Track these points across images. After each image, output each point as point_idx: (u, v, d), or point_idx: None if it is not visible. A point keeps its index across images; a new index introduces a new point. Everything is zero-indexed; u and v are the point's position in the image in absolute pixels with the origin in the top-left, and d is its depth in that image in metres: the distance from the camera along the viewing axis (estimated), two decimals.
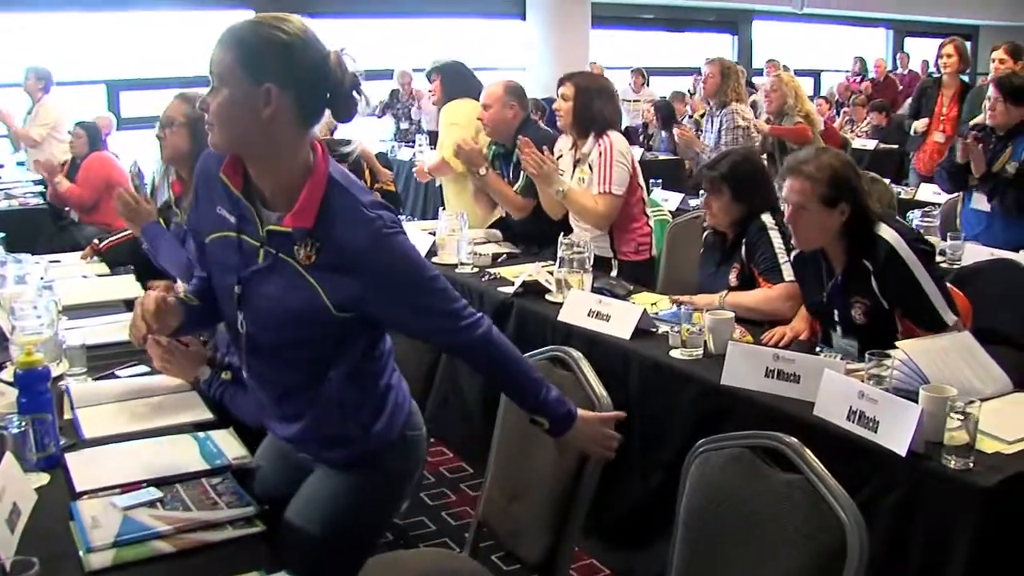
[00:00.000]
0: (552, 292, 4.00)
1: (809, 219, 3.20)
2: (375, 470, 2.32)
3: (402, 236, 2.11)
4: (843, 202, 3.17)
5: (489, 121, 5.11)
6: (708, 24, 17.26)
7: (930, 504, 2.50)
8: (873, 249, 3.18)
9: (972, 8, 20.03)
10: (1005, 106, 5.11)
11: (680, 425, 3.04)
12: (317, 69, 2.08)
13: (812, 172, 3.18)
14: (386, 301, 2.12)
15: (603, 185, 4.50)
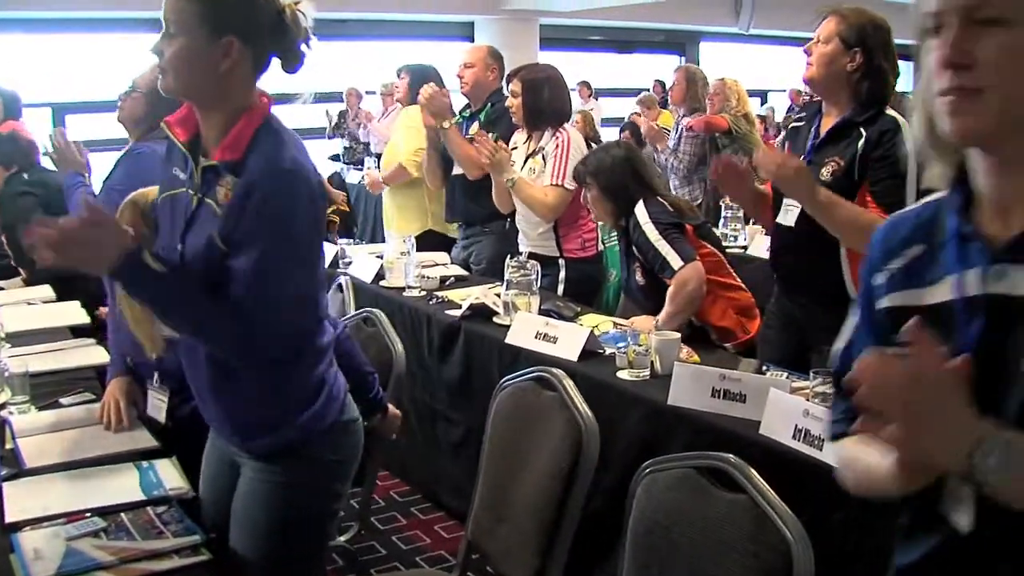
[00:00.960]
0: (500, 315, 3.99)
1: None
2: (303, 460, 2.28)
3: (299, 199, 2.09)
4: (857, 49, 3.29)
5: (470, 79, 5.22)
6: (656, 45, 17.37)
7: (877, 521, 2.52)
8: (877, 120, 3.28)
9: None
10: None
11: (628, 446, 3.04)
12: (275, 23, 2.14)
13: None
14: (238, 239, 2.08)
15: (556, 178, 4.53)
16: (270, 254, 2.06)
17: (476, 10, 14.37)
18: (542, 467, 2.57)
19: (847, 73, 3.31)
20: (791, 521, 1.98)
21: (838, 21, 3.33)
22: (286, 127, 2.20)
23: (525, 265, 4.00)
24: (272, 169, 2.07)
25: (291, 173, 2.08)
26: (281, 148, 2.11)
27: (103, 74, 11.19)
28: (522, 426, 2.74)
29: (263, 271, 2.06)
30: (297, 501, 2.30)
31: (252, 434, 2.27)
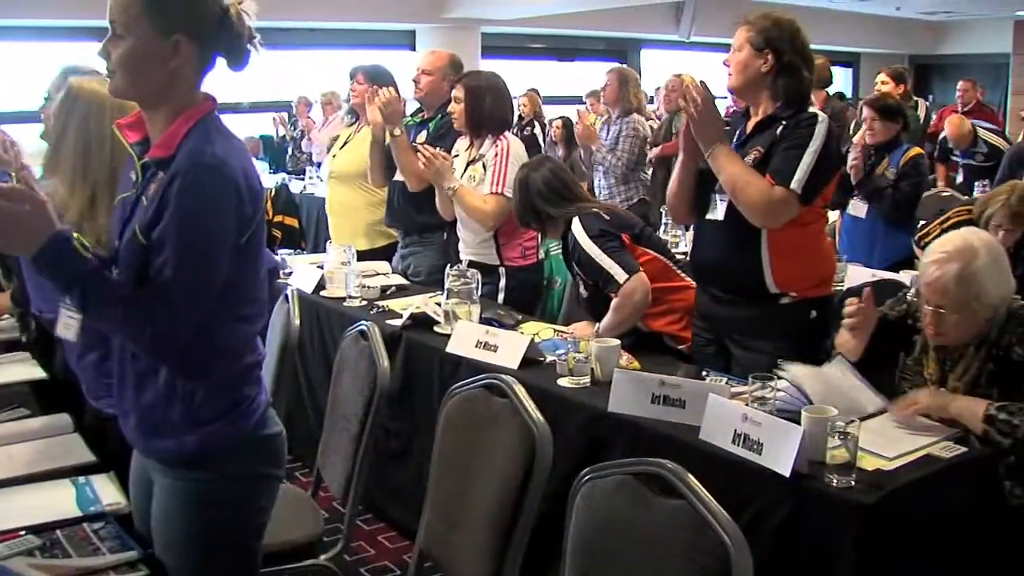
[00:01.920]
0: (440, 324, 3.98)
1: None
2: (212, 472, 2.25)
3: (219, 193, 2.08)
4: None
5: (425, 86, 5.21)
6: (597, 53, 17.43)
7: (814, 522, 2.55)
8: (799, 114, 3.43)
9: (854, 37, 20.61)
10: (881, 123, 5.57)
11: (568, 453, 3.04)
12: (220, 22, 2.15)
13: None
14: (157, 231, 2.07)
15: (496, 186, 4.52)
16: (186, 246, 2.06)
17: (418, 19, 14.36)
18: (495, 473, 2.57)
19: (762, 75, 3.47)
20: (729, 526, 1.99)
21: (746, 29, 3.48)
22: (224, 129, 2.20)
23: (465, 274, 4.00)
24: (193, 163, 2.07)
25: (212, 168, 2.07)
26: (207, 145, 2.11)
27: (16, 84, 11.03)
28: (473, 433, 2.74)
29: (179, 264, 2.05)
30: (211, 515, 2.26)
31: (152, 433, 2.24)
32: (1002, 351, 2.94)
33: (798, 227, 3.44)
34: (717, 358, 3.61)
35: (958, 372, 3.01)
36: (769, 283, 3.45)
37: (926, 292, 2.97)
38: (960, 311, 2.91)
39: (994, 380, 2.94)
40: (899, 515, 2.53)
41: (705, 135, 3.41)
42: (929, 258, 2.98)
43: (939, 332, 2.97)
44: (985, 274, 2.90)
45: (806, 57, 3.51)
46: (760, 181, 3.35)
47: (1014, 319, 2.97)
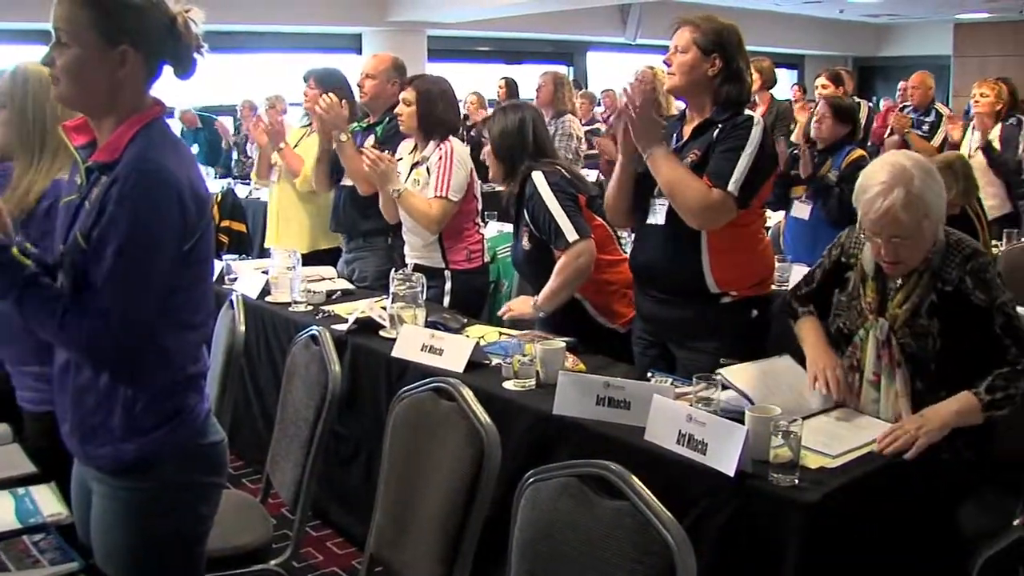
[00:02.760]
0: (386, 328, 3.96)
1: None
2: (151, 480, 2.22)
3: (160, 199, 2.06)
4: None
5: (370, 90, 5.21)
6: (544, 56, 17.48)
7: (758, 521, 2.56)
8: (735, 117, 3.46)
9: (799, 39, 20.82)
10: (832, 121, 5.62)
11: (515, 456, 3.03)
12: (167, 30, 2.14)
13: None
14: (96, 235, 2.06)
15: (440, 189, 4.50)
16: (124, 251, 2.03)
17: (364, 22, 14.35)
18: (444, 477, 2.56)
19: (709, 79, 3.46)
20: (673, 526, 1.99)
21: (692, 29, 3.47)
22: (170, 135, 2.20)
23: (411, 278, 3.98)
24: (135, 168, 2.05)
25: (153, 173, 2.06)
26: (150, 150, 2.09)
27: None
28: (422, 437, 2.73)
29: (115, 269, 2.03)
30: (151, 524, 2.24)
31: (90, 440, 2.21)
32: (947, 285, 2.95)
33: (737, 227, 3.46)
34: (661, 360, 3.63)
35: (899, 299, 3.01)
36: (710, 283, 3.47)
37: (875, 227, 2.94)
38: (913, 235, 2.91)
39: (934, 313, 2.94)
40: (842, 513, 2.55)
41: (644, 137, 3.41)
42: (869, 193, 2.94)
43: (897, 262, 2.97)
44: (926, 191, 2.90)
45: (748, 64, 3.53)
46: (698, 183, 3.36)
47: (954, 250, 2.99)
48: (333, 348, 3.14)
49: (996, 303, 2.92)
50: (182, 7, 2.18)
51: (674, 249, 3.51)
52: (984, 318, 2.92)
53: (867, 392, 3.05)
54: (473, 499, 2.48)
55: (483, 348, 3.65)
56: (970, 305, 2.93)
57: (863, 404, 3.06)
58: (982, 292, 2.92)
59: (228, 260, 5.14)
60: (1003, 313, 2.92)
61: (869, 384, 3.05)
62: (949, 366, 2.95)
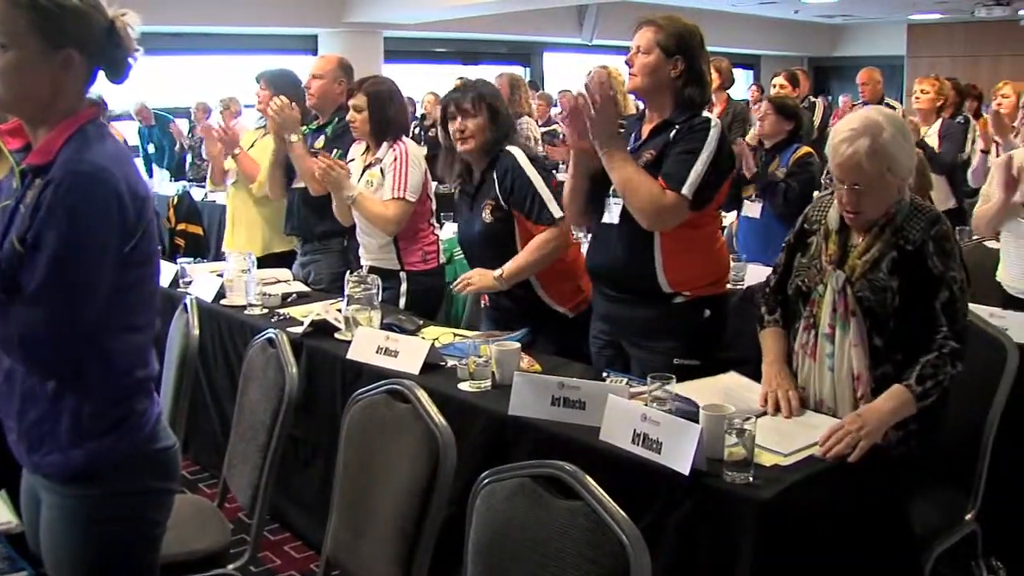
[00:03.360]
0: (341, 330, 3.95)
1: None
2: (100, 488, 2.20)
3: (96, 200, 2.04)
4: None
5: (317, 91, 5.18)
6: (501, 57, 17.51)
7: (714, 519, 2.57)
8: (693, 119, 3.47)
9: (754, 39, 20.96)
10: (775, 118, 5.76)
11: (471, 457, 3.03)
12: (106, 34, 2.13)
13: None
14: (31, 238, 2.03)
15: (397, 191, 4.48)
16: (59, 254, 2.01)
17: (319, 23, 14.31)
18: (400, 479, 2.55)
19: (671, 80, 3.47)
20: (627, 525, 1.99)
21: (655, 31, 3.46)
22: (106, 136, 2.17)
23: (366, 279, 3.97)
24: (69, 170, 2.04)
25: (89, 175, 2.04)
26: (85, 151, 2.08)
27: None
28: (377, 440, 2.72)
29: (50, 272, 2.01)
30: (102, 532, 2.22)
31: (38, 448, 2.19)
32: (909, 244, 2.97)
33: (691, 229, 3.47)
34: (617, 360, 3.64)
35: (859, 251, 3.03)
36: (662, 283, 3.48)
37: (840, 173, 2.99)
38: (874, 185, 2.94)
39: (895, 270, 2.96)
40: (797, 510, 2.57)
41: (602, 136, 3.41)
42: (837, 138, 2.98)
43: (856, 211, 2.99)
44: (894, 144, 2.93)
45: (710, 65, 3.56)
46: (652, 184, 3.37)
47: (918, 211, 3.02)
48: (290, 351, 3.13)
49: (947, 276, 2.94)
50: (117, 11, 2.16)
51: (627, 249, 3.51)
52: (932, 287, 2.95)
53: (822, 347, 3.06)
54: (429, 501, 2.48)
55: (439, 350, 3.64)
56: (925, 268, 2.95)
57: (819, 361, 3.07)
58: (940, 260, 2.94)
59: (183, 263, 5.10)
60: (949, 289, 2.94)
61: (824, 338, 3.05)
62: (908, 327, 2.96)
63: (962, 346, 2.93)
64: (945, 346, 2.91)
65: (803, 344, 3.13)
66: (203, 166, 10.75)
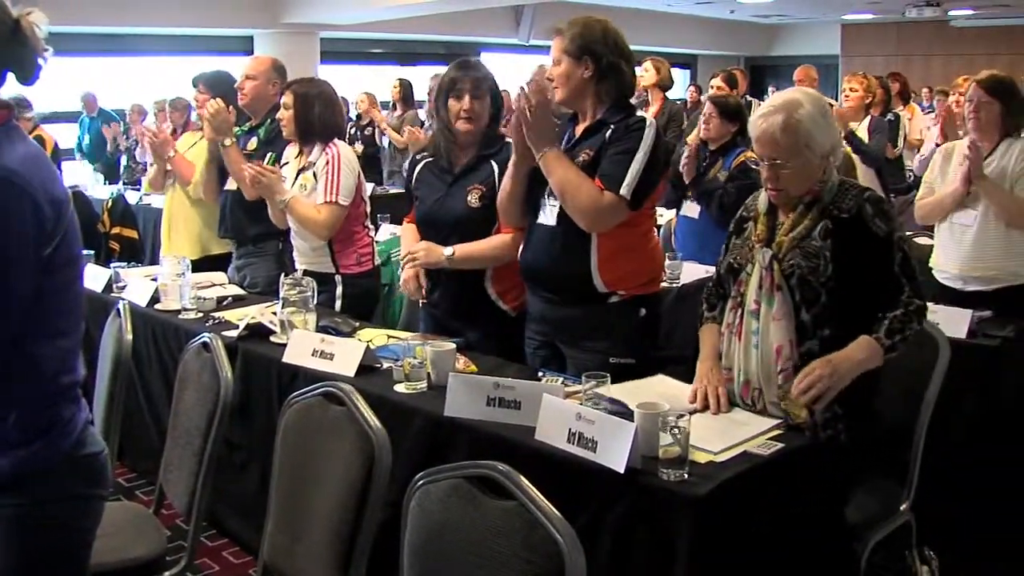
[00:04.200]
0: (277, 334, 3.92)
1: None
2: (30, 495, 2.16)
3: (9, 203, 1.99)
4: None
5: (250, 92, 5.14)
6: (438, 57, 17.46)
7: (650, 517, 2.58)
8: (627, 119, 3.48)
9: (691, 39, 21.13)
10: (719, 121, 5.68)
11: (408, 459, 3.03)
12: (11, 34, 2.07)
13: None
14: None
15: (329, 195, 4.46)
16: None
17: (255, 24, 14.21)
18: (335, 482, 2.54)
19: (585, 81, 3.49)
20: (562, 525, 1.99)
21: (559, 39, 3.51)
22: (20, 139, 2.11)
23: (301, 282, 3.94)
24: None
25: (2, 180, 1.99)
26: None
27: None
28: (312, 443, 2.70)
29: None
30: (30, 541, 2.18)
31: None
32: (844, 213, 3.00)
33: (626, 228, 3.48)
34: (552, 361, 3.64)
35: (786, 228, 3.07)
36: (597, 283, 3.49)
37: (758, 148, 3.06)
38: (793, 160, 2.98)
39: (828, 235, 2.99)
40: (732, 505, 2.59)
41: (538, 137, 3.41)
42: (756, 115, 3.06)
43: (777, 187, 3.04)
44: (810, 121, 2.98)
45: (625, 55, 3.54)
46: (590, 186, 3.38)
47: (846, 187, 3.06)
48: (225, 355, 3.10)
49: (896, 236, 2.99)
50: (22, 10, 2.11)
51: (562, 249, 3.52)
52: (883, 250, 2.98)
53: (747, 323, 3.09)
54: (365, 504, 2.47)
55: (374, 351, 3.63)
56: (869, 234, 2.98)
57: (744, 339, 3.10)
58: (882, 221, 2.98)
59: (116, 268, 5.03)
60: (901, 249, 3.00)
61: (750, 315, 3.08)
62: (839, 299, 2.99)
63: (924, 304, 3.01)
64: (911, 304, 2.97)
65: (729, 324, 3.16)
66: (138, 168, 10.65)
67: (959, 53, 19.78)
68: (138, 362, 4.37)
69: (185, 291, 4.44)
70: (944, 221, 4.65)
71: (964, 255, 4.54)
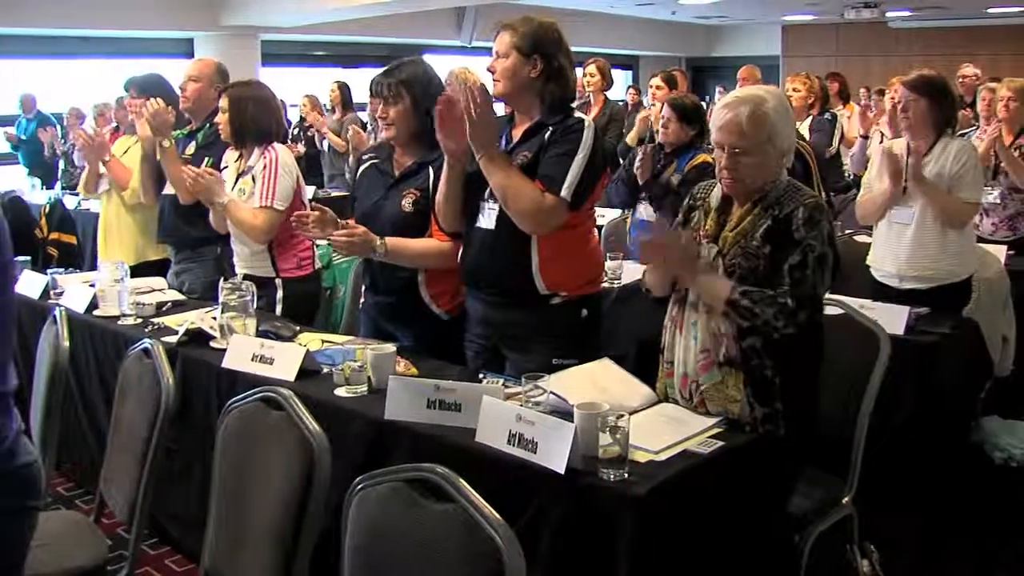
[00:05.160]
0: (217, 339, 3.89)
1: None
2: None
3: None
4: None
5: (192, 94, 5.11)
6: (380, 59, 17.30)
7: (591, 516, 2.59)
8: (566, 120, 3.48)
9: (633, 40, 21.22)
10: (677, 125, 5.61)
11: (349, 463, 3.01)
12: None
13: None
14: None
15: (266, 199, 4.44)
16: None
17: (195, 26, 14.07)
18: (276, 487, 2.53)
19: (531, 80, 3.49)
20: (500, 527, 1.99)
21: (511, 33, 3.49)
22: None
23: (240, 287, 3.91)
24: None
25: None
26: None
27: None
28: (252, 448, 2.69)
29: None
30: None
31: None
32: (782, 213, 3.03)
33: (567, 230, 3.50)
34: (493, 363, 3.64)
35: (731, 225, 3.10)
36: (539, 285, 3.49)
37: (719, 136, 3.08)
38: (754, 152, 3.02)
39: (768, 237, 3.02)
40: (673, 503, 2.62)
41: (480, 139, 3.41)
42: (720, 106, 3.10)
43: (734, 177, 3.07)
44: (775, 115, 3.03)
45: (571, 60, 3.56)
46: (531, 188, 3.39)
47: (793, 189, 3.09)
48: (166, 361, 3.08)
49: (805, 242, 2.99)
50: None
51: (503, 252, 3.52)
52: (790, 251, 3.00)
53: (689, 313, 3.13)
54: (305, 508, 2.46)
55: (314, 355, 3.61)
56: (789, 235, 3.01)
57: (684, 332, 3.14)
58: (805, 228, 3.00)
59: (53, 274, 4.97)
60: (803, 254, 2.99)
61: (691, 307, 3.13)
62: None
63: (796, 311, 2.95)
64: (781, 296, 2.96)
65: (672, 317, 3.20)
66: (76, 173, 10.52)
67: (897, 54, 20.05)
68: (76, 369, 4.32)
69: (124, 297, 4.40)
70: (883, 220, 4.70)
71: (902, 254, 4.59)
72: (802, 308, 2.96)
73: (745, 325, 2.97)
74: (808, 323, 2.99)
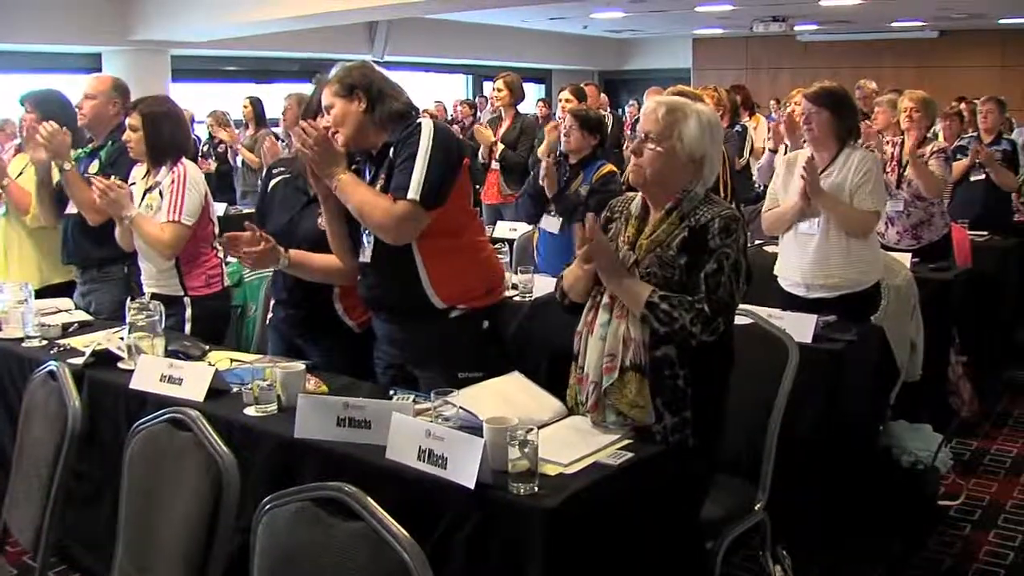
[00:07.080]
0: (124, 360, 3.83)
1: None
2: None
3: None
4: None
5: (89, 112, 5.01)
6: (292, 75, 17.36)
7: (502, 531, 2.60)
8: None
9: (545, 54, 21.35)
10: (579, 133, 5.69)
11: (259, 483, 2.98)
12: None
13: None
14: None
15: (173, 214, 4.39)
16: None
17: (103, 41, 13.88)
18: (184, 510, 2.50)
19: (363, 114, 3.55)
20: (409, 545, 2.00)
21: (328, 88, 3.59)
22: None
23: (148, 306, 3.85)
24: None
25: None
26: None
27: None
28: (159, 470, 2.65)
29: None
30: None
31: None
32: (698, 224, 3.06)
33: (449, 238, 3.54)
34: (401, 380, 3.64)
35: (647, 232, 3.12)
36: (435, 300, 3.52)
37: (642, 123, 3.17)
38: (660, 142, 3.07)
39: (684, 248, 3.05)
40: (584, 515, 2.63)
41: (326, 167, 3.47)
42: (654, 96, 3.20)
43: (638, 163, 3.11)
44: (694, 119, 3.09)
45: (388, 79, 3.64)
46: (383, 201, 3.42)
47: (709, 201, 3.12)
48: (72, 383, 3.03)
49: (721, 250, 3.02)
50: None
51: (391, 277, 3.56)
52: (706, 260, 3.03)
53: (601, 315, 3.14)
54: (214, 530, 2.43)
55: (223, 375, 3.57)
56: (705, 243, 3.03)
57: (594, 330, 3.15)
58: (720, 237, 3.02)
59: None
60: (718, 262, 3.01)
61: (603, 308, 3.14)
62: None
63: (713, 318, 2.98)
64: (698, 303, 2.98)
65: (587, 322, 3.21)
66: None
67: (805, 67, 20.41)
68: None
69: (28, 318, 4.30)
70: (789, 231, 4.77)
71: (808, 264, 4.67)
72: (719, 315, 3.00)
73: (662, 331, 2.99)
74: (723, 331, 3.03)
